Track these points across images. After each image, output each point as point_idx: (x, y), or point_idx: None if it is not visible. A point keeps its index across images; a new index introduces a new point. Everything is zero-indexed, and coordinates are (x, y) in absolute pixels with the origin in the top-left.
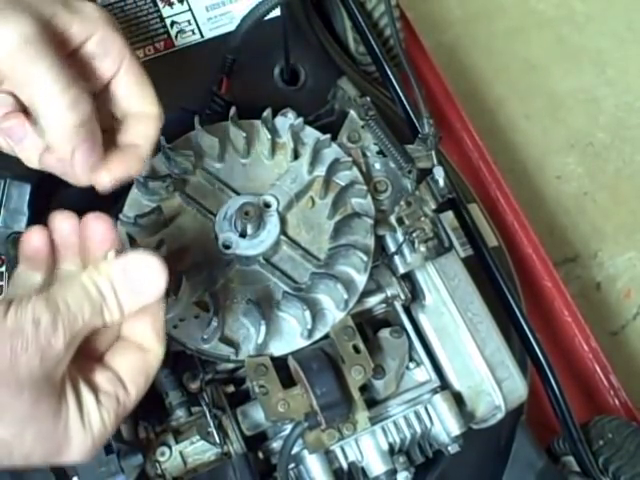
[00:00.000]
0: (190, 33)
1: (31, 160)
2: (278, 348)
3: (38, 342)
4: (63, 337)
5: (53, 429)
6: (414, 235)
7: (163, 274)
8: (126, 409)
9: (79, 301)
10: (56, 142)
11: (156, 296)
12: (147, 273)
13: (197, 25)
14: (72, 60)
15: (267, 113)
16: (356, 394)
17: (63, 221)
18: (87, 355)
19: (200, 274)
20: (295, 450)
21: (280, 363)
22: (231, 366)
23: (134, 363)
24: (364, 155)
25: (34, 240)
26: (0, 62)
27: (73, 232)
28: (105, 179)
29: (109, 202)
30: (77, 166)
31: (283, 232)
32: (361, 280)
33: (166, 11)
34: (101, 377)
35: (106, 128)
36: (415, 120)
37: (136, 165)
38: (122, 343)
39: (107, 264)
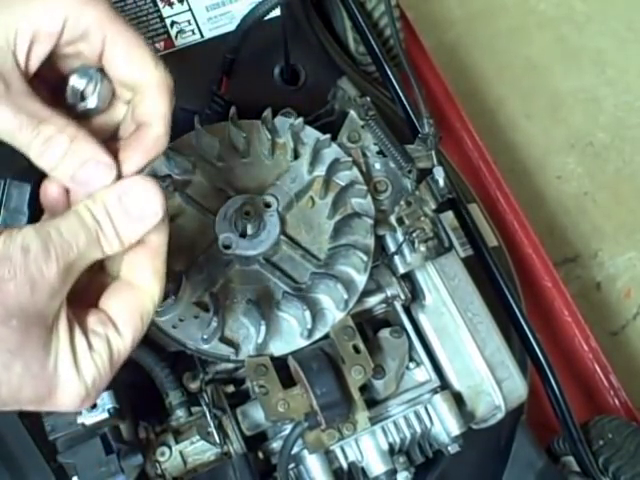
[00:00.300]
0: (190, 33)
1: None
2: (278, 348)
3: (27, 270)
4: (56, 266)
5: (42, 365)
6: (414, 235)
7: (159, 197)
8: (120, 353)
9: (73, 228)
10: (52, 175)
11: (153, 221)
12: (143, 197)
13: (197, 25)
14: (61, 50)
15: (267, 113)
16: (356, 394)
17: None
18: (85, 301)
19: (200, 274)
20: (295, 450)
21: (280, 363)
22: (231, 366)
23: (126, 303)
24: (364, 155)
25: (51, 190)
26: None
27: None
28: (127, 170)
29: None
30: (83, 189)
31: (283, 232)
32: (361, 280)
33: (166, 11)
34: (91, 319)
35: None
36: (415, 120)
37: (153, 148)
38: (116, 284)
39: (102, 192)
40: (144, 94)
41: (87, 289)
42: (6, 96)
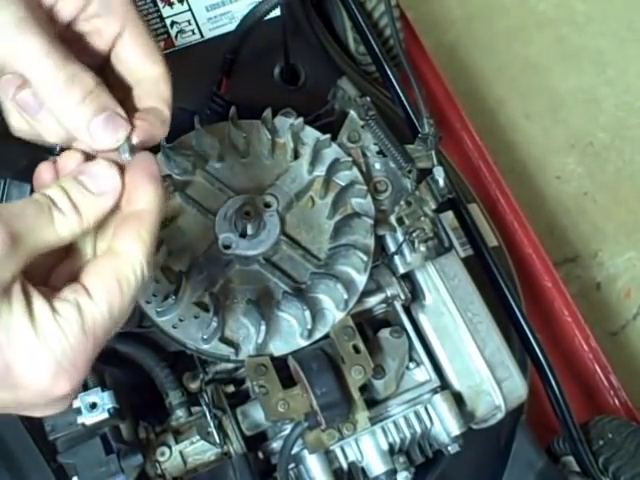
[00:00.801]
0: (190, 33)
1: (51, 135)
2: (278, 348)
3: None
4: (3, 238)
5: None
6: (414, 235)
7: (115, 170)
8: (96, 320)
9: (21, 204)
10: (65, 120)
11: (115, 194)
12: (99, 172)
13: (197, 25)
14: (76, 25)
15: (267, 113)
16: (356, 394)
17: (69, 158)
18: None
19: (200, 274)
20: (295, 450)
21: (280, 363)
22: (231, 366)
23: (101, 269)
24: (364, 155)
25: (43, 173)
26: None
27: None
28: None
29: None
30: (94, 140)
31: (283, 232)
32: (361, 280)
33: (166, 11)
34: (63, 292)
35: (122, 96)
36: (415, 120)
37: (159, 127)
38: (98, 255)
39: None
40: (151, 83)
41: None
42: (39, 25)
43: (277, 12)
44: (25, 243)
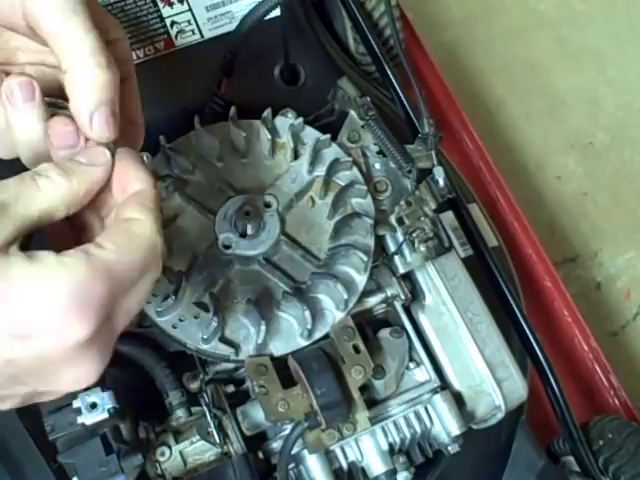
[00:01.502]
0: (190, 33)
1: (20, 134)
2: (278, 348)
3: None
4: None
5: None
6: (414, 235)
7: (104, 148)
8: (103, 259)
9: (3, 181)
10: (78, 99)
11: (105, 166)
12: (88, 149)
13: (197, 25)
14: None
15: (267, 113)
16: (356, 394)
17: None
18: None
19: (200, 274)
20: (295, 450)
21: (280, 363)
22: (231, 366)
23: (108, 229)
24: (364, 155)
25: None
26: (37, 9)
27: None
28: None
29: None
30: (94, 130)
31: (283, 232)
32: (361, 280)
33: (166, 11)
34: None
35: None
36: (415, 120)
37: (140, 141)
38: None
39: None
40: (131, 126)
41: None
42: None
43: (277, 12)
44: (11, 210)
